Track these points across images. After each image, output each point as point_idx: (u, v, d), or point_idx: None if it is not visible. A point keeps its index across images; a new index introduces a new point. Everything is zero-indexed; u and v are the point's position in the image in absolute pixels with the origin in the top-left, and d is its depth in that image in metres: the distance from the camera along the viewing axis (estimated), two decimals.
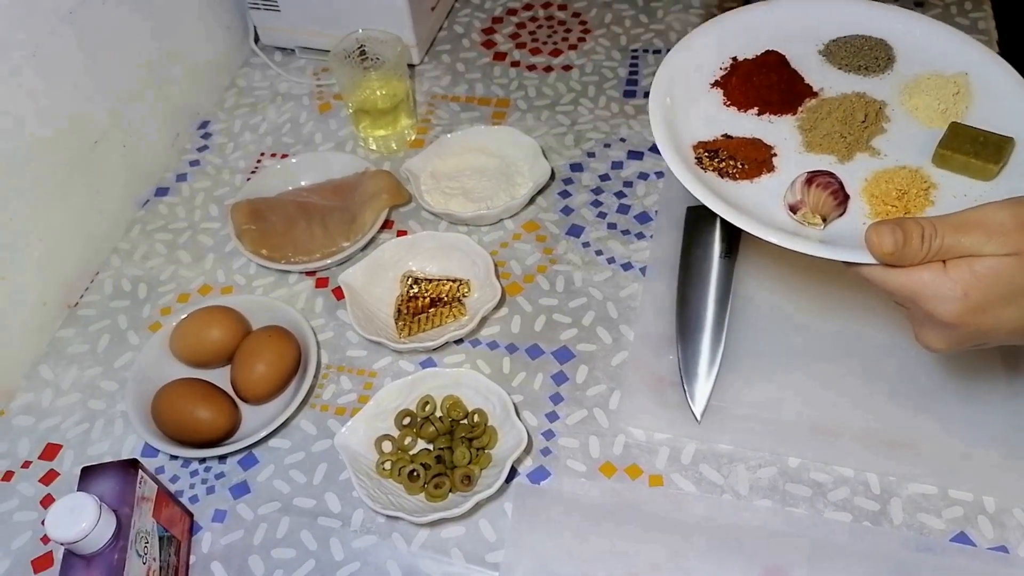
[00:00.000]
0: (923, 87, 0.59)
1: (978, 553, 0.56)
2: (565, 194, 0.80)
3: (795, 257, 0.50)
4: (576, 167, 0.82)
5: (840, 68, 0.62)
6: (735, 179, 0.55)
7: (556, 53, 0.93)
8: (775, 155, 0.57)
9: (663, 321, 0.68)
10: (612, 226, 0.77)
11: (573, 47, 0.93)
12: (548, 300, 0.72)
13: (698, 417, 0.62)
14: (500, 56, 0.93)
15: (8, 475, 0.65)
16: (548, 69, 0.91)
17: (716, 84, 0.62)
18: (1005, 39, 0.87)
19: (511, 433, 0.62)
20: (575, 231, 0.77)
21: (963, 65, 0.60)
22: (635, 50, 0.92)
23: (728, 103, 0.60)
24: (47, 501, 0.64)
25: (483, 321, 0.70)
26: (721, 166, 0.56)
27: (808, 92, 0.60)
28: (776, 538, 0.58)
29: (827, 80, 0.61)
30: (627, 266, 0.74)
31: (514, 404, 0.63)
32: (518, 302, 0.72)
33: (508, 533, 0.59)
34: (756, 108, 0.60)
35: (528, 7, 0.99)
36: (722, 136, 0.58)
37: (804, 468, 0.61)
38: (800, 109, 0.60)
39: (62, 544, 0.49)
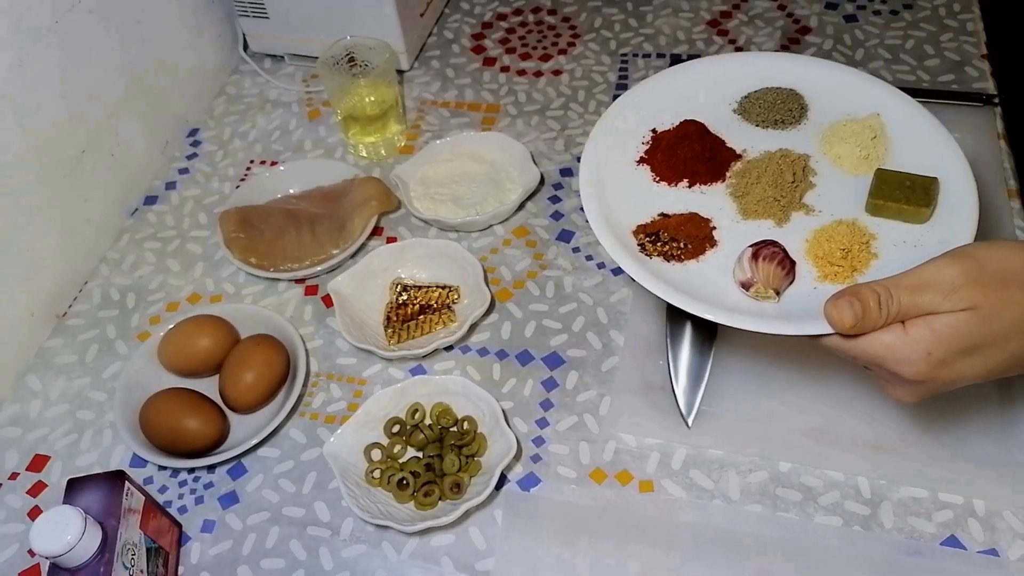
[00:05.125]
0: (841, 134, 0.59)
1: (969, 557, 0.56)
2: (555, 199, 0.80)
3: None
4: (566, 172, 0.82)
5: (757, 125, 0.62)
6: (681, 260, 0.55)
7: (546, 58, 0.93)
8: (714, 228, 0.56)
9: (653, 326, 0.68)
10: None
11: (563, 52, 0.93)
12: (538, 306, 0.72)
13: (688, 422, 0.62)
14: (490, 61, 0.93)
15: None
16: (538, 74, 0.91)
17: (642, 160, 0.61)
18: (993, 41, 0.87)
19: (501, 440, 0.61)
20: (565, 236, 0.77)
21: (873, 106, 0.61)
22: (625, 54, 0.92)
23: (658, 179, 0.60)
24: (35, 513, 0.63)
25: (473, 328, 0.70)
26: (665, 249, 0.55)
27: (732, 156, 0.60)
28: (767, 543, 0.57)
29: (747, 140, 0.61)
30: (617, 271, 0.73)
31: (504, 411, 0.63)
32: (508, 308, 0.72)
33: (498, 541, 0.59)
34: (686, 180, 0.59)
35: (518, 12, 0.98)
36: (659, 216, 0.57)
37: (795, 473, 0.61)
38: (728, 174, 0.59)
39: (47, 558, 0.49)
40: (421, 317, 0.70)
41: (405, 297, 0.72)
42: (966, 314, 0.44)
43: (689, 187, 0.59)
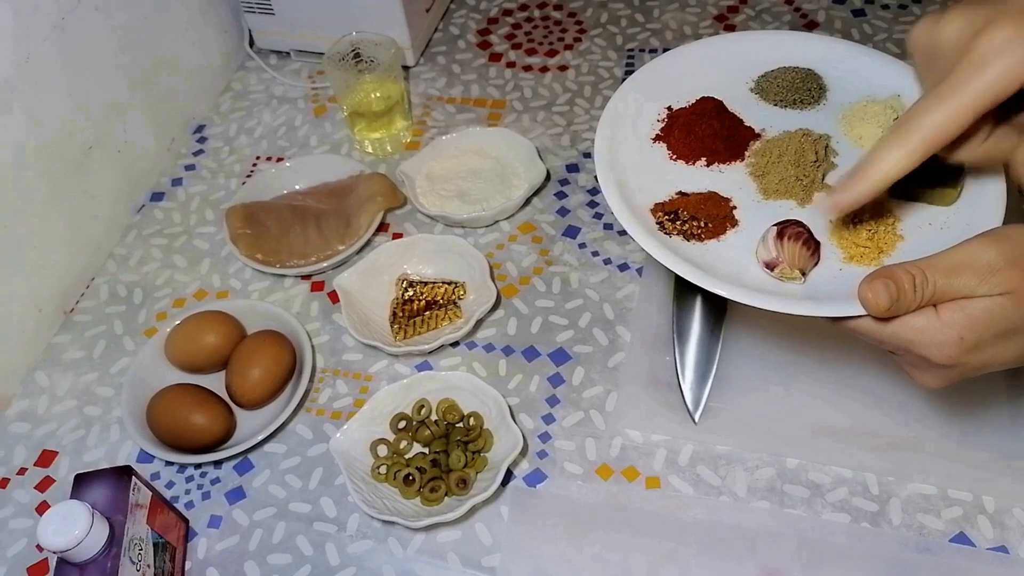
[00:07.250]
0: (862, 115, 0.58)
1: (978, 553, 0.56)
2: (561, 195, 0.79)
3: None
4: (572, 168, 0.81)
5: (775, 104, 0.60)
6: (701, 240, 0.54)
7: (552, 53, 0.92)
8: (735, 208, 0.55)
9: (660, 322, 0.68)
10: (608, 227, 0.76)
11: (569, 47, 0.93)
12: (544, 302, 0.72)
13: (695, 418, 0.62)
14: (496, 57, 0.93)
15: (3, 482, 0.65)
16: (544, 70, 0.91)
17: (658, 138, 0.59)
18: None
19: (507, 436, 0.61)
20: (571, 232, 0.76)
21: (894, 87, 0.59)
22: (631, 50, 0.91)
23: (675, 157, 0.58)
24: (43, 508, 0.64)
25: (479, 323, 0.70)
26: (684, 228, 0.54)
27: (751, 135, 0.59)
28: (774, 539, 0.57)
29: (766, 119, 0.60)
30: (623, 267, 0.73)
31: (510, 407, 0.63)
32: (514, 304, 0.72)
33: (504, 537, 0.59)
34: (704, 159, 0.58)
35: (523, 7, 0.98)
36: (677, 194, 0.56)
37: (802, 469, 0.60)
38: (747, 153, 0.58)
39: (54, 552, 0.49)
40: (427, 313, 0.70)
41: (411, 293, 0.72)
42: (1003, 299, 0.43)
43: (707, 166, 0.58)
